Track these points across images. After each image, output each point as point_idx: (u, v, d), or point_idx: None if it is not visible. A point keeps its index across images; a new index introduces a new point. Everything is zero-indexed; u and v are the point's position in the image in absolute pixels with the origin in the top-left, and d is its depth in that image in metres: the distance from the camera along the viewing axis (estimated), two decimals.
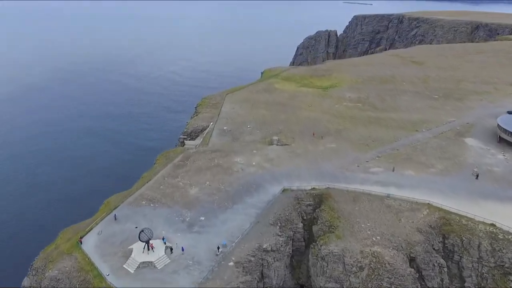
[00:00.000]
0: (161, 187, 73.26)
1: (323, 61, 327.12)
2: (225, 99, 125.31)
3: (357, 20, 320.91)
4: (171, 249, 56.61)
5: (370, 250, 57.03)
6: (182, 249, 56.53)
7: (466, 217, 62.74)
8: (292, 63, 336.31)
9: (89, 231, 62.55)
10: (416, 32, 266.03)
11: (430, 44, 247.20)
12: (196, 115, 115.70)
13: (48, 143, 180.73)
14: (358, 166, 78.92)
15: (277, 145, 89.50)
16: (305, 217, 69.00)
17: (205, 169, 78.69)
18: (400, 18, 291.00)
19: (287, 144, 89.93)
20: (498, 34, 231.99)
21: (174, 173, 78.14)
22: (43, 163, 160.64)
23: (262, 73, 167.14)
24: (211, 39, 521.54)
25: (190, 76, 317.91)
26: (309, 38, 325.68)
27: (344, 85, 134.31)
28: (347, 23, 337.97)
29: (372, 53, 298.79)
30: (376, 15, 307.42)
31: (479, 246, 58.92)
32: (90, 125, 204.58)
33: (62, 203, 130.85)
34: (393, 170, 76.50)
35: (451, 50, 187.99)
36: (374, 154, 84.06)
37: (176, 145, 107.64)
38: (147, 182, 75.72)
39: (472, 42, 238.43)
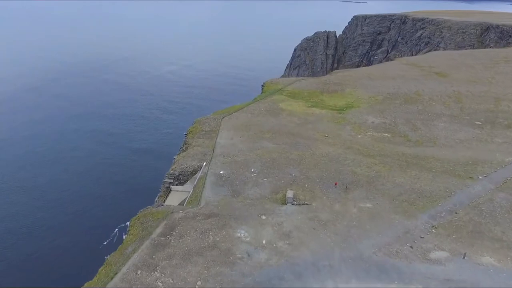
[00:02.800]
0: None
1: (321, 63, 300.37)
2: (221, 124, 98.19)
3: (357, 21, 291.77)
4: None
5: None
6: None
7: None
8: (290, 65, 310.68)
9: None
10: (422, 34, 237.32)
11: (437, 47, 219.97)
12: (186, 149, 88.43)
13: (38, 145, 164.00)
14: (411, 247, 52.50)
15: (292, 204, 62.88)
16: None
17: (195, 254, 51.96)
18: (403, 19, 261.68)
19: (306, 203, 63.26)
20: (510, 36, 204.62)
21: (152, 261, 51.28)
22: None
23: (262, 86, 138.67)
24: (211, 39, 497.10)
25: (189, 76, 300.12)
26: (307, 39, 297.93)
27: (362, 105, 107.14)
28: (346, 24, 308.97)
29: (373, 55, 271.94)
30: (377, 15, 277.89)
31: None
32: (88, 126, 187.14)
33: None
34: (464, 257, 50.23)
35: (474, 58, 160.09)
36: (427, 222, 57.70)
37: (159, 191, 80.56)
38: (112, 279, 49.00)
39: (483, 44, 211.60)
